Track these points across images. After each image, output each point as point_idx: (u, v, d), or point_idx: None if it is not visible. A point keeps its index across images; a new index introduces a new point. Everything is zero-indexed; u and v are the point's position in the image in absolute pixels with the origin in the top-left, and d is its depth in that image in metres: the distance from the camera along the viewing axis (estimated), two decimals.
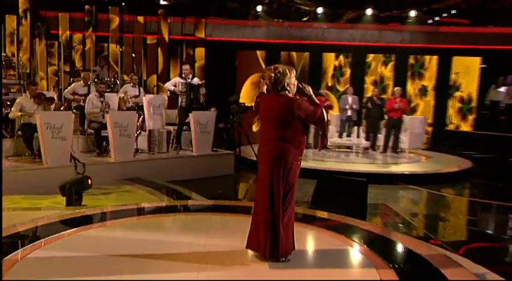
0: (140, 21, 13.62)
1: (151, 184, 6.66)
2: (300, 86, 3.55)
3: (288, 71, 3.48)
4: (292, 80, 3.49)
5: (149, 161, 7.50)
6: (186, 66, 8.60)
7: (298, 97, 3.49)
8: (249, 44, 14.07)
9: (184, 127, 8.34)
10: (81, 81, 8.55)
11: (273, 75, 3.46)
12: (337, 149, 11.08)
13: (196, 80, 8.48)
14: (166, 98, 8.86)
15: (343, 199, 5.42)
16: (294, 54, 14.50)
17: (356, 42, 14.25)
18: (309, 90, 3.55)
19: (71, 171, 6.39)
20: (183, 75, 8.37)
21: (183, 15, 13.83)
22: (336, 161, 9.74)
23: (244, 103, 9.27)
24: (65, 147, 6.45)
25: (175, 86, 8.24)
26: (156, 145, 7.85)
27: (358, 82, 14.00)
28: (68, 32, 13.29)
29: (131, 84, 9.06)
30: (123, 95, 8.89)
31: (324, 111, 3.50)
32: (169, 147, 8.02)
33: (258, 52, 14.38)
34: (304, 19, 14.41)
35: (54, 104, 6.91)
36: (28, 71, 12.32)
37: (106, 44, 13.31)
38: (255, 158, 8.80)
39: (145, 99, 8.60)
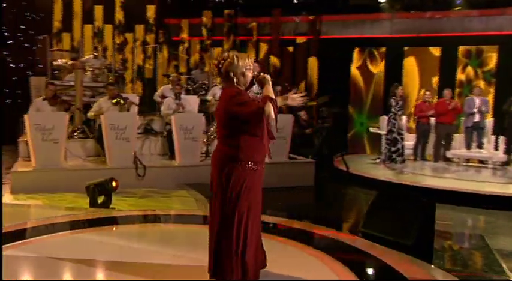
0: (253, 23, 13.47)
1: (206, 191, 6.23)
2: (257, 75, 2.88)
3: (236, 59, 2.83)
4: (240, 69, 2.83)
5: (209, 166, 7.08)
6: (255, 64, 8.00)
7: (239, 90, 2.85)
8: (367, 41, 12.74)
9: None
10: (170, 84, 8.64)
11: (216, 63, 2.87)
12: (464, 163, 9.12)
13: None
14: None
15: (401, 222, 4.20)
16: None
17: (507, 32, 11.62)
18: (267, 80, 2.84)
19: (132, 172, 6.38)
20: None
21: (296, 14, 13.26)
22: (456, 178, 7.86)
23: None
24: (127, 148, 6.46)
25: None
26: None
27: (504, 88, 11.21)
28: (187, 38, 13.89)
29: (219, 86, 8.83)
30: (211, 97, 8.73)
31: (269, 107, 2.70)
32: None
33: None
34: (457, 8, 12.25)
35: (127, 104, 6.99)
36: (150, 76, 13.28)
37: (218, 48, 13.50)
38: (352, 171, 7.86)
39: None
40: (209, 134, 7.64)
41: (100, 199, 4.98)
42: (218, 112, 2.90)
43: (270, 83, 2.82)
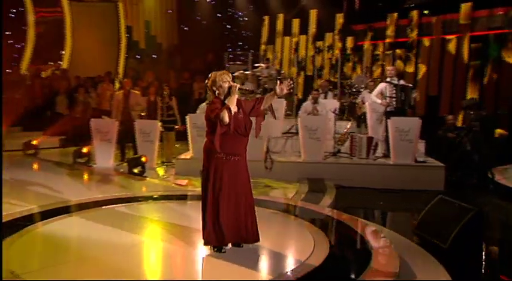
0: (438, 21, 12.85)
1: (316, 185, 6.92)
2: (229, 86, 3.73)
3: (216, 77, 3.74)
4: (218, 83, 3.72)
5: (336, 164, 7.66)
6: (390, 67, 8.07)
7: (216, 99, 3.72)
8: None
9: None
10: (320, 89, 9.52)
11: (205, 82, 3.84)
12: None
13: (402, 82, 7.80)
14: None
15: (443, 227, 4.20)
16: None
17: None
18: (232, 91, 3.66)
19: (262, 165, 7.62)
20: (387, 79, 7.87)
21: (490, 6, 12.01)
22: None
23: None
24: (259, 144, 7.71)
25: (382, 93, 7.84)
26: (357, 150, 7.85)
27: None
28: (372, 42, 14.28)
29: (368, 90, 9.20)
30: (359, 101, 9.23)
31: (224, 113, 3.54)
32: (370, 153, 7.79)
33: None
34: None
35: None
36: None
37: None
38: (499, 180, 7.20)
39: (368, 105, 8.59)
40: (342, 134, 8.23)
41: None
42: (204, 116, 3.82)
43: (236, 93, 3.62)
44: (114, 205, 5.25)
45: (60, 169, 8.08)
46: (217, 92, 3.76)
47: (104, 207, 5.16)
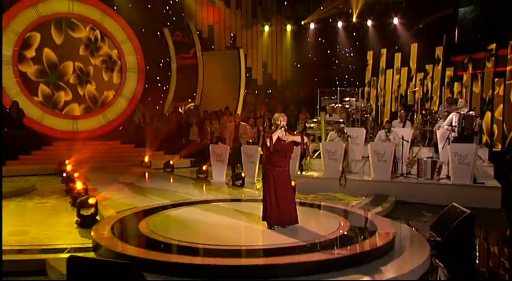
0: None
1: (378, 199, 8.31)
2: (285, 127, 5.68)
3: (275, 116, 5.73)
4: (275, 121, 5.70)
5: (402, 183, 8.93)
6: (461, 100, 9.05)
7: (271, 130, 5.72)
8: None
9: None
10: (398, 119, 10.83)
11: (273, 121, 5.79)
12: None
13: (471, 113, 8.78)
14: None
15: (444, 225, 5.53)
16: None
17: None
18: (277, 128, 5.61)
19: (337, 182, 9.27)
20: (458, 111, 8.92)
21: None
22: None
23: None
24: (336, 166, 9.42)
25: (451, 124, 8.92)
26: (422, 172, 9.03)
27: None
28: (471, 72, 14.83)
29: (442, 119, 10.24)
30: (435, 129, 10.34)
31: (266, 140, 5.55)
32: (434, 175, 8.88)
33: None
34: None
35: (345, 136, 9.94)
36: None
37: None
38: None
39: (438, 132, 9.68)
40: (412, 158, 9.47)
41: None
42: None
43: (278, 129, 5.55)
44: (218, 202, 7.55)
45: (187, 181, 10.77)
46: (273, 126, 5.78)
47: (213, 203, 7.49)
